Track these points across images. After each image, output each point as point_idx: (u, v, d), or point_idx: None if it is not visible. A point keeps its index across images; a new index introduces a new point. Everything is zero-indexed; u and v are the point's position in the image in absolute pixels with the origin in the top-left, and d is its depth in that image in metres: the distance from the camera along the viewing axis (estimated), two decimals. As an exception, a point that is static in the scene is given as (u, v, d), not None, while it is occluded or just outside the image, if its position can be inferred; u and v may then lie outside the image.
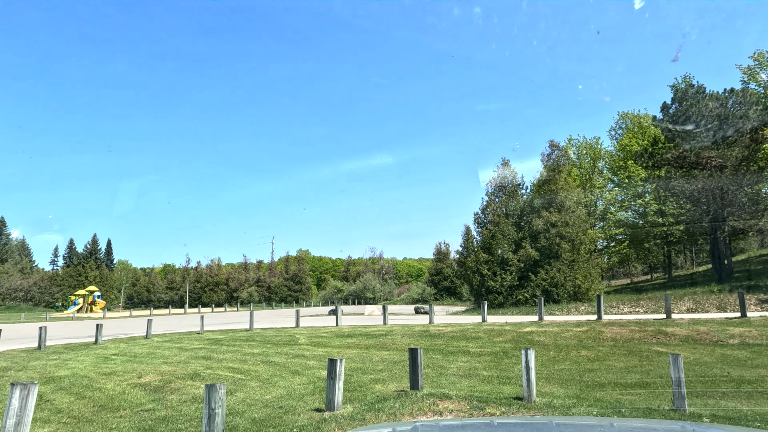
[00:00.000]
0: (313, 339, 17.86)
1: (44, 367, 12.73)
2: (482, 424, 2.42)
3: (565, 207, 32.44)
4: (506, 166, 37.24)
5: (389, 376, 10.99)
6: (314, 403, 8.45)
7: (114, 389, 9.78)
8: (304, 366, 12.35)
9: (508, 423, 2.62)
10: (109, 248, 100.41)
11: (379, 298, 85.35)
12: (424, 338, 16.83)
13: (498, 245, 33.01)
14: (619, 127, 49.35)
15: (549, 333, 16.13)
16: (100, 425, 7.32)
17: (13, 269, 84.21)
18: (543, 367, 11.58)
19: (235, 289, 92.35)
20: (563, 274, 31.09)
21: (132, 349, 16.38)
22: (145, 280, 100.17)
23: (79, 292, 73.73)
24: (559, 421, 2.59)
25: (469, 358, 13.48)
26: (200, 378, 10.69)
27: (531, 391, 8.16)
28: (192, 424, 7.30)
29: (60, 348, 17.42)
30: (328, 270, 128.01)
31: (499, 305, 32.15)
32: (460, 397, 8.40)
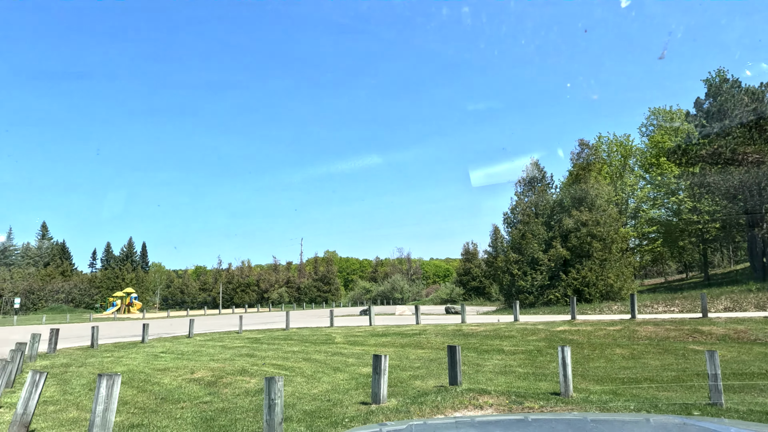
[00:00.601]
0: (349, 338, 18.39)
1: (101, 364, 13.59)
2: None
3: (595, 205, 32.21)
4: (535, 166, 37.16)
5: (427, 373, 11.39)
6: (359, 397, 8.92)
7: (171, 384, 10.47)
8: (344, 363, 12.85)
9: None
10: (144, 251, 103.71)
11: (407, 298, 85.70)
12: (458, 337, 17.15)
13: (528, 245, 32.99)
14: (650, 124, 48.52)
15: (582, 332, 16.25)
16: (165, 415, 7.95)
17: (55, 272, 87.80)
18: (577, 365, 11.78)
19: (265, 290, 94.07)
20: (595, 273, 30.89)
21: (178, 348, 17.19)
22: (179, 282, 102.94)
23: (117, 294, 76.38)
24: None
25: (504, 356, 13.76)
26: (248, 374, 11.31)
27: (568, 386, 8.45)
28: (248, 414, 7.86)
29: (110, 346, 18.39)
30: (355, 271, 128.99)
31: (530, 305, 32.15)
32: (498, 392, 8.74)
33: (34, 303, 78.48)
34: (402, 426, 2.26)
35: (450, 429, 2.26)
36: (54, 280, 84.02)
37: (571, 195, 33.83)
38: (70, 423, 7.58)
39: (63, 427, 7.37)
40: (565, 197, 34.91)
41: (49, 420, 7.74)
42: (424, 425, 2.27)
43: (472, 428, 2.25)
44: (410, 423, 2.27)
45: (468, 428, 2.24)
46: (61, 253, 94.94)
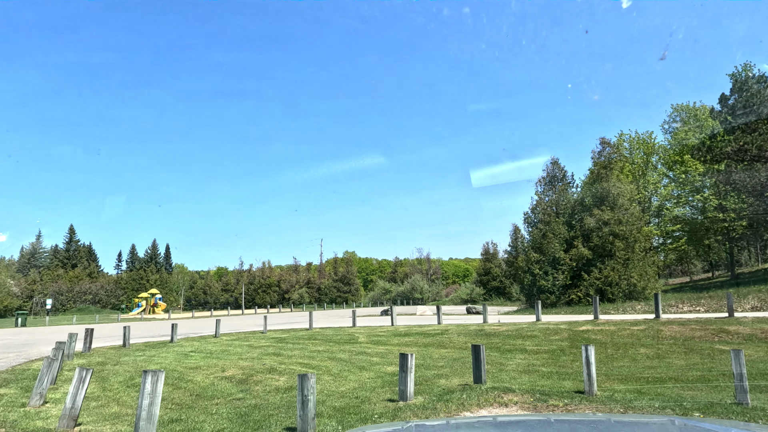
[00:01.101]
0: (372, 338, 18.66)
1: (135, 362, 14.09)
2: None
3: (617, 204, 31.92)
4: (555, 165, 36.96)
5: (451, 372, 11.58)
6: (385, 394, 9.17)
7: (203, 381, 10.86)
8: (369, 362, 13.12)
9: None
10: (168, 252, 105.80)
11: (427, 298, 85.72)
12: (480, 337, 17.28)
13: (549, 244, 32.86)
14: (673, 120, 47.75)
15: (605, 331, 16.23)
16: (201, 410, 8.31)
17: (82, 274, 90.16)
18: (601, 364, 11.84)
19: (286, 291, 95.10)
20: (617, 272, 30.62)
21: (206, 347, 17.67)
22: (202, 283, 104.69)
23: (142, 295, 77.99)
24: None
25: (527, 355, 13.87)
26: (277, 372, 11.65)
27: (592, 385, 8.56)
28: (280, 410, 8.17)
29: (141, 346, 18.97)
30: (374, 271, 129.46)
31: (552, 305, 32.01)
32: (522, 390, 8.90)
33: (63, 304, 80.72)
34: (466, 421, 2.39)
35: (471, 428, 2.28)
36: (81, 282, 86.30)
37: (593, 194, 33.57)
38: (113, 418, 7.99)
39: (107, 421, 7.77)
40: (586, 196, 34.65)
41: (93, 415, 8.16)
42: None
43: (494, 428, 2.27)
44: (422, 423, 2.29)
45: (490, 428, 2.27)
46: (88, 255, 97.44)
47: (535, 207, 36.68)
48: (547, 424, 2.29)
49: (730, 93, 35.59)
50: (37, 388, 8.97)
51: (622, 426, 2.18)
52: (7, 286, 73.90)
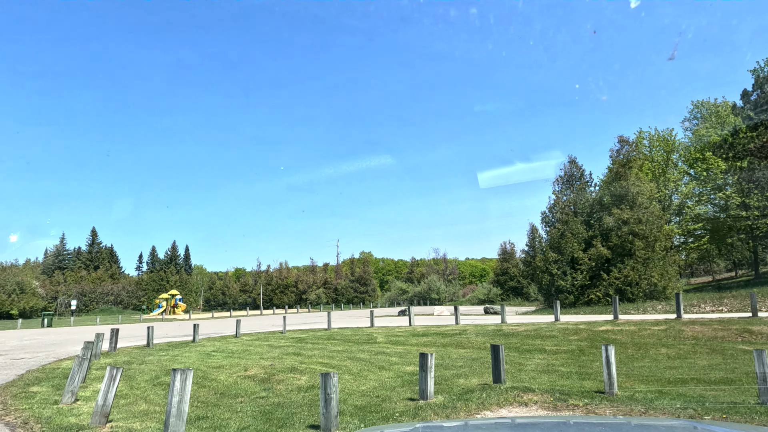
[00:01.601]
0: (390, 338, 18.79)
1: (159, 361, 14.43)
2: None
3: (637, 203, 31.55)
4: (573, 163, 36.67)
5: (470, 371, 11.64)
6: (405, 393, 9.28)
7: (227, 380, 11.11)
8: (388, 362, 13.25)
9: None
10: (187, 254, 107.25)
11: (444, 299, 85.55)
12: (498, 337, 17.29)
13: (567, 244, 32.61)
14: (693, 117, 46.99)
15: (626, 332, 16.12)
16: (226, 408, 8.53)
17: (104, 275, 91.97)
18: (621, 364, 11.79)
19: (303, 291, 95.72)
20: (637, 272, 30.27)
21: (227, 347, 17.99)
22: (220, 284, 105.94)
23: (163, 296, 79.22)
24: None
25: (546, 355, 13.85)
26: (298, 371, 11.84)
27: (612, 385, 8.57)
28: (303, 408, 8.34)
29: (164, 345, 19.37)
30: (391, 271, 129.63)
31: (570, 305, 31.77)
32: (542, 390, 8.94)
33: (86, 305, 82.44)
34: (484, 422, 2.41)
35: (489, 430, 2.26)
36: (104, 283, 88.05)
37: (611, 192, 33.23)
38: (142, 415, 8.24)
39: (136, 418, 8.03)
40: (605, 195, 34.32)
41: (123, 412, 8.42)
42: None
43: (511, 430, 2.27)
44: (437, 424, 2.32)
45: (508, 430, 2.27)
46: (109, 257, 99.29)
47: (553, 206, 36.42)
48: (566, 426, 2.24)
49: (752, 89, 34.94)
50: (68, 386, 9.29)
51: (642, 429, 2.14)
52: (32, 287, 75.75)
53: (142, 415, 8.26)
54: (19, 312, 67.65)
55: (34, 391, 10.25)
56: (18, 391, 10.30)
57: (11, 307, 68.44)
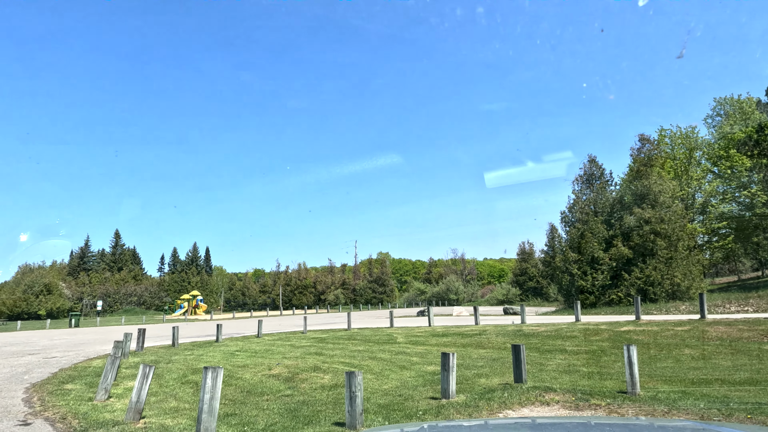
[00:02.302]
0: (410, 338, 18.92)
1: (185, 360, 14.80)
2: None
3: (659, 202, 31.13)
4: (593, 162, 36.32)
5: (491, 371, 11.72)
6: (427, 392, 9.41)
7: (252, 379, 11.37)
8: (409, 362, 13.39)
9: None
10: (208, 255, 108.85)
11: (462, 299, 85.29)
12: (519, 337, 17.29)
13: (587, 244, 32.33)
14: (717, 114, 46.10)
15: (648, 332, 15.99)
16: (253, 406, 8.77)
17: (128, 276, 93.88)
18: (644, 365, 11.74)
19: (322, 292, 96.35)
20: (660, 272, 29.87)
21: (250, 347, 18.32)
22: (240, 285, 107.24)
23: (184, 297, 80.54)
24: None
25: (567, 355, 13.84)
26: (321, 370, 12.06)
27: (635, 385, 8.58)
28: (327, 406, 8.54)
29: (189, 345, 19.81)
30: (408, 272, 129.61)
31: (591, 305, 31.49)
32: (564, 389, 8.99)
33: (110, 305, 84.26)
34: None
35: (510, 430, 2.26)
36: (127, 284, 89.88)
37: (632, 191, 32.83)
38: (173, 412, 8.53)
39: (167, 414, 8.31)
40: (626, 194, 33.92)
41: (155, 409, 8.72)
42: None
43: (532, 430, 2.26)
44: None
45: (528, 430, 2.25)
46: (132, 259, 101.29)
47: (572, 206, 36.13)
48: (587, 427, 2.21)
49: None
50: (102, 384, 9.64)
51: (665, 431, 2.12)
52: (59, 288, 77.74)
53: (172, 411, 8.55)
54: (46, 312, 69.50)
55: (68, 389, 10.64)
56: (54, 388, 10.71)
57: (39, 308, 70.35)
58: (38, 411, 8.68)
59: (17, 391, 10.61)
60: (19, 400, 9.68)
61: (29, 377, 12.47)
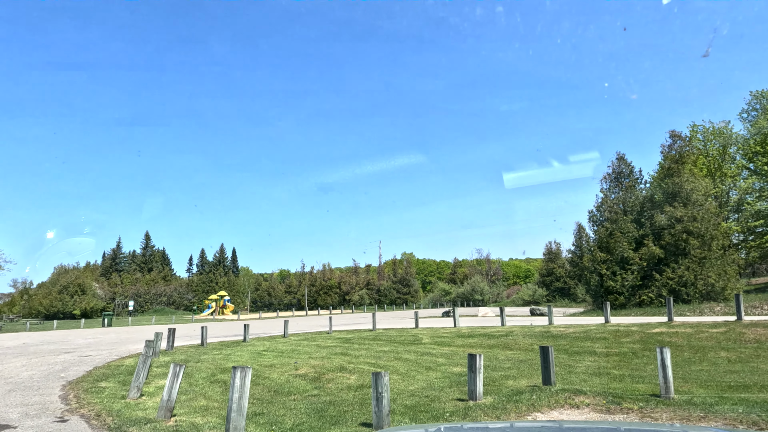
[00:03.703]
0: (436, 339, 18.82)
1: (214, 360, 15.04)
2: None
3: (691, 200, 30.25)
4: (621, 160, 35.54)
5: (518, 373, 11.56)
6: (454, 394, 9.34)
7: (279, 378, 11.48)
8: (435, 363, 13.32)
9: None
10: (234, 256, 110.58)
11: (487, 300, 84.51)
12: (546, 338, 17.03)
13: (617, 243, 31.63)
14: (752, 109, 44.54)
15: (681, 334, 15.54)
16: (281, 405, 8.85)
17: (157, 277, 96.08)
18: (678, 367, 11.41)
19: (347, 292, 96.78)
20: (693, 272, 29.02)
21: (276, 346, 18.51)
22: (266, 285, 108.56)
23: (212, 297, 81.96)
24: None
25: (596, 357, 13.56)
26: (347, 371, 12.10)
27: (669, 388, 8.34)
28: (354, 407, 8.55)
29: (217, 345, 20.13)
30: (433, 272, 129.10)
31: (621, 306, 30.81)
32: (594, 392, 8.80)
33: (141, 305, 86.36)
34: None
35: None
36: (157, 285, 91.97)
37: (663, 189, 31.98)
38: (203, 410, 8.67)
39: (197, 413, 8.46)
40: (656, 192, 33.06)
41: (185, 407, 8.88)
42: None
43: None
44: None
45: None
46: (162, 260, 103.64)
47: (601, 205, 35.40)
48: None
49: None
50: (134, 382, 9.87)
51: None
52: (92, 289, 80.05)
53: (202, 410, 8.69)
54: (81, 312, 71.65)
55: (102, 386, 10.93)
56: (89, 386, 11.02)
57: (74, 308, 72.55)
58: (74, 408, 8.93)
59: (54, 388, 10.96)
60: (56, 397, 9.98)
61: (65, 375, 12.86)
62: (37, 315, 71.15)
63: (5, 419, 8.21)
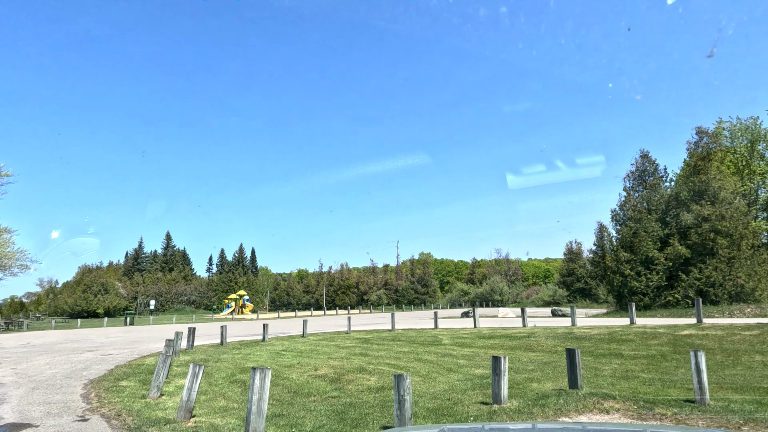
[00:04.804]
0: (456, 340, 18.54)
1: (233, 359, 15.01)
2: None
3: (719, 198, 29.37)
4: (645, 158, 34.72)
5: (542, 376, 11.25)
6: (477, 397, 9.09)
7: (298, 379, 11.36)
8: (456, 364, 13.06)
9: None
10: (254, 256, 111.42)
11: (507, 300, 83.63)
12: (570, 340, 16.63)
13: (641, 243, 30.89)
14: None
15: (712, 336, 15.01)
16: (300, 407, 8.71)
17: (178, 276, 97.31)
18: (710, 371, 10.96)
19: (364, 292, 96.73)
20: (721, 272, 28.16)
21: (295, 346, 18.45)
22: (285, 285, 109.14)
23: (231, 296, 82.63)
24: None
25: (623, 360, 13.15)
26: (367, 372, 11.92)
27: (704, 393, 7.98)
28: (375, 409, 8.36)
29: (236, 344, 20.16)
30: (451, 272, 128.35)
31: (645, 307, 30.08)
32: (623, 397, 8.47)
33: (162, 304, 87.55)
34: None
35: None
36: (177, 284, 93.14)
37: (690, 188, 31.13)
38: (222, 411, 8.58)
39: (217, 414, 8.36)
40: (682, 190, 32.20)
41: (204, 407, 8.81)
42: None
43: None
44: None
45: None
46: (182, 260, 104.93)
47: (624, 203, 34.63)
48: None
49: None
50: (154, 382, 9.84)
51: None
52: (115, 288, 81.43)
53: (222, 411, 8.60)
54: (104, 311, 72.92)
55: (123, 386, 10.94)
56: (109, 385, 11.05)
57: (98, 306, 73.85)
58: (95, 407, 8.93)
59: (77, 387, 11.01)
60: (77, 396, 10.01)
61: (87, 373, 12.94)
62: (62, 313, 72.61)
63: (28, 418, 8.23)
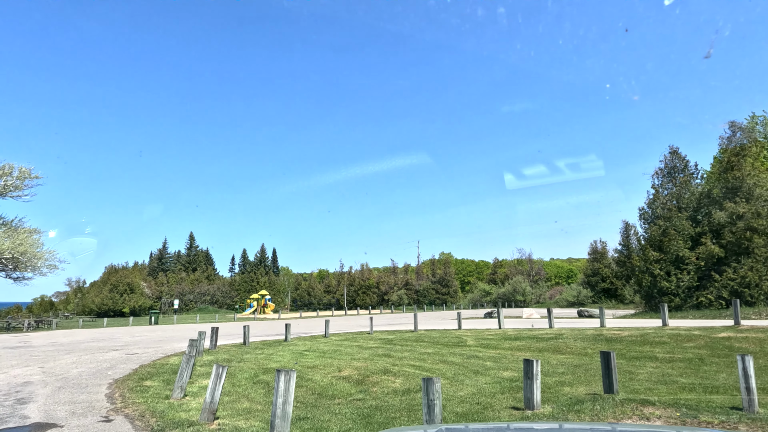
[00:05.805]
0: (481, 341, 18.15)
1: (257, 360, 14.91)
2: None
3: (754, 195, 28.28)
4: (675, 154, 33.69)
5: (574, 379, 10.83)
6: (507, 401, 8.75)
7: (322, 381, 11.16)
8: (482, 366, 12.71)
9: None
10: (275, 256, 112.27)
11: (530, 301, 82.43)
12: (600, 342, 16.10)
13: (671, 242, 29.95)
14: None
15: (752, 339, 14.34)
16: (325, 409, 8.49)
17: (201, 276, 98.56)
18: (755, 377, 10.39)
19: (385, 292, 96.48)
20: (757, 272, 27.10)
21: (318, 347, 18.29)
22: (306, 285, 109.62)
23: (253, 296, 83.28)
24: None
25: (658, 363, 12.61)
26: (391, 374, 11.66)
27: (752, 400, 7.50)
28: (401, 413, 8.09)
29: (259, 344, 20.10)
30: (472, 272, 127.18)
31: (676, 308, 29.15)
32: (663, 403, 8.03)
33: (186, 304, 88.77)
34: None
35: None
36: (201, 284, 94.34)
37: (722, 184, 30.06)
38: (246, 413, 8.41)
39: (240, 416, 8.20)
40: (714, 187, 31.12)
41: (228, 409, 8.66)
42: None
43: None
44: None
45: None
46: (205, 260, 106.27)
47: (653, 201, 33.66)
48: None
49: None
50: (178, 382, 9.74)
51: None
52: (140, 287, 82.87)
53: (245, 413, 8.44)
54: (129, 310, 74.25)
55: (147, 386, 10.89)
56: (134, 384, 11.01)
57: (123, 306, 75.24)
58: (119, 407, 8.86)
59: (101, 386, 11.00)
60: (102, 395, 9.98)
61: (112, 373, 12.97)
62: (89, 312, 74.14)
63: (53, 417, 8.19)
